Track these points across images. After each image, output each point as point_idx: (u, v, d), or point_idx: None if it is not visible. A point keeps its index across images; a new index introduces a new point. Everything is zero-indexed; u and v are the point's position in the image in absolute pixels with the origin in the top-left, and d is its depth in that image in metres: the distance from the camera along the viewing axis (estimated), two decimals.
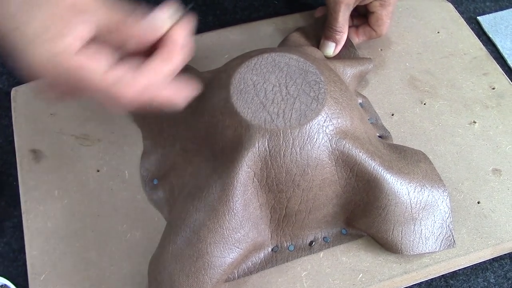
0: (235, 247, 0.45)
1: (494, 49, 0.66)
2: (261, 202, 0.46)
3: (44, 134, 0.55)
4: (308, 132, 0.45)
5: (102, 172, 0.53)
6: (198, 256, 0.43)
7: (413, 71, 0.61)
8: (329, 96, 0.47)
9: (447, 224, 0.49)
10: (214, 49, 0.62)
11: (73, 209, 0.51)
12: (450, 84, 0.60)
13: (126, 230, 0.49)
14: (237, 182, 0.44)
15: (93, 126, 0.56)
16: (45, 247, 0.48)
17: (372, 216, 0.47)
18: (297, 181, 0.45)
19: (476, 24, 0.68)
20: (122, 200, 0.51)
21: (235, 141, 0.45)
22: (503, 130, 0.56)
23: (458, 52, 0.63)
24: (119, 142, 0.55)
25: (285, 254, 0.48)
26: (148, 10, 0.38)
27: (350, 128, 0.47)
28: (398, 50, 0.63)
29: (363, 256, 0.48)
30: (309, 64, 0.48)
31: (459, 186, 0.53)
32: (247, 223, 0.45)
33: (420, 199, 0.48)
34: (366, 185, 0.47)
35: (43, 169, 0.53)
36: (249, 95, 0.46)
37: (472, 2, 0.71)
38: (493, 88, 0.60)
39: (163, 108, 0.40)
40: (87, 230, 0.49)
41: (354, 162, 0.46)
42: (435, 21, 0.66)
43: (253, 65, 0.48)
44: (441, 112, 0.58)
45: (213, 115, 0.47)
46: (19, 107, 0.57)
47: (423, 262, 0.48)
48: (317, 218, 0.48)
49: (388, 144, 0.52)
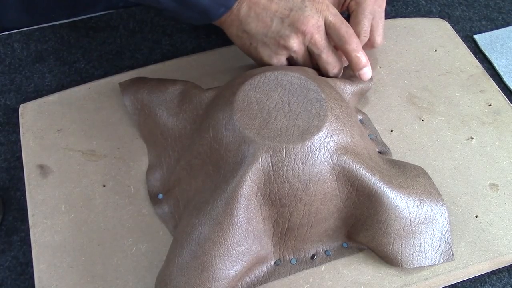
0: (239, 260, 0.46)
1: (490, 67, 0.67)
2: (264, 216, 0.47)
3: (51, 150, 0.56)
4: (310, 148, 0.46)
5: (108, 187, 0.54)
6: (203, 269, 0.44)
7: (411, 88, 0.63)
8: (330, 113, 0.48)
9: (446, 238, 0.50)
10: (217, 67, 0.64)
11: (79, 224, 0.52)
12: (447, 101, 0.62)
13: (132, 244, 0.50)
14: (241, 197, 0.45)
15: (99, 142, 0.57)
16: (52, 261, 0.49)
17: (373, 230, 0.48)
18: (299, 195, 0.46)
19: (473, 42, 0.70)
20: (127, 214, 0.52)
21: (238, 157, 0.46)
22: (500, 145, 0.58)
23: (455, 69, 0.65)
24: (125, 157, 0.56)
25: (287, 268, 0.49)
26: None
27: (350, 144, 0.48)
28: (397, 68, 0.65)
29: (364, 269, 0.49)
30: (310, 82, 0.50)
31: (457, 201, 0.54)
32: (251, 237, 0.46)
33: (419, 213, 0.49)
34: (367, 200, 0.48)
35: (50, 184, 0.54)
36: (253, 112, 0.48)
37: (469, 21, 0.72)
38: (489, 105, 0.61)
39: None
40: (93, 244, 0.50)
41: (355, 177, 0.47)
42: (433, 40, 0.67)
43: (256, 83, 0.50)
44: (439, 128, 0.59)
45: (218, 131, 0.48)
46: (27, 124, 0.58)
47: (422, 275, 0.49)
48: (319, 232, 0.49)
49: (387, 159, 0.53)
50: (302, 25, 0.53)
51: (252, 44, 0.55)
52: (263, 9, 0.53)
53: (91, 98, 0.61)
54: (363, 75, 0.57)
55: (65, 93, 0.61)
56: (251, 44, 0.56)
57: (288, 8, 0.53)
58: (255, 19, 0.54)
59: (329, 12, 0.54)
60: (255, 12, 0.54)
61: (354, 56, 0.55)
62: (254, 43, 0.55)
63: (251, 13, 0.54)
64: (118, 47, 0.68)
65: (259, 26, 0.54)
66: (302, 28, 0.53)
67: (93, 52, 0.68)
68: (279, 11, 0.53)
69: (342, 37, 0.55)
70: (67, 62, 0.67)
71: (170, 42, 0.69)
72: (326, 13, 0.54)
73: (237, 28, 0.55)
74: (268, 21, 0.54)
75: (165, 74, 0.62)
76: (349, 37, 0.55)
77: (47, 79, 0.65)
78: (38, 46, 0.68)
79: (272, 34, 0.54)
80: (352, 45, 0.55)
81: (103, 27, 0.70)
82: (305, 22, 0.53)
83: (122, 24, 0.71)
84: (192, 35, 0.70)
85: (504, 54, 0.68)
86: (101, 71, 0.66)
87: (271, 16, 0.53)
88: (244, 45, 0.56)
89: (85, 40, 0.69)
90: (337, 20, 0.54)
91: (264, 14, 0.53)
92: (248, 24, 0.54)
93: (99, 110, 0.60)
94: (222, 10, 0.53)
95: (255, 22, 0.54)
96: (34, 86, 0.64)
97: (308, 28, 0.53)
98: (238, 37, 0.56)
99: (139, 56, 0.67)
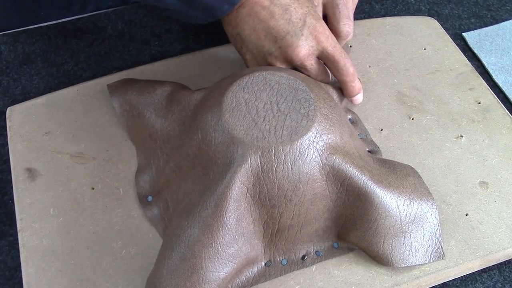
0: (229, 261, 0.45)
1: (479, 65, 0.67)
2: (254, 217, 0.47)
3: (39, 152, 0.56)
4: (299, 148, 0.46)
5: (97, 190, 0.54)
6: (193, 271, 0.44)
7: (400, 87, 0.63)
8: (319, 112, 0.48)
9: (436, 236, 0.50)
10: (206, 67, 0.63)
11: (68, 227, 0.51)
12: (437, 99, 0.62)
13: (121, 247, 0.50)
14: (230, 198, 0.45)
15: (87, 144, 0.57)
16: (41, 265, 0.49)
17: (363, 230, 0.48)
18: (289, 196, 0.46)
19: (462, 40, 0.70)
20: (117, 217, 0.52)
21: (227, 158, 0.46)
22: (489, 143, 0.58)
23: (445, 68, 0.65)
24: (114, 159, 0.56)
25: (278, 269, 0.49)
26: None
27: (340, 143, 0.48)
28: (386, 66, 0.65)
29: (354, 269, 0.49)
30: (299, 82, 0.50)
31: (447, 199, 0.54)
32: (241, 238, 0.46)
33: (409, 212, 0.49)
34: (357, 199, 0.48)
35: (38, 187, 0.54)
36: (241, 112, 0.47)
37: (458, 19, 0.73)
38: (478, 103, 0.61)
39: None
40: (83, 248, 0.50)
41: (345, 176, 0.47)
42: (422, 38, 0.68)
43: (245, 84, 0.49)
44: (429, 127, 0.59)
45: (206, 133, 0.48)
46: (14, 126, 0.58)
47: (413, 274, 0.49)
48: (309, 232, 0.49)
49: (377, 158, 0.53)
50: (292, 53, 0.52)
51: (243, 48, 0.55)
52: (261, 21, 0.52)
53: (79, 100, 0.60)
54: (355, 100, 0.57)
55: (53, 95, 0.61)
56: (241, 48, 0.55)
57: (285, 31, 0.52)
58: (250, 27, 0.53)
59: (328, 43, 0.53)
60: (253, 21, 0.53)
61: (350, 86, 0.55)
62: (244, 48, 0.55)
63: (249, 20, 0.53)
64: (106, 48, 0.68)
65: (252, 36, 0.53)
66: (291, 56, 0.53)
67: (81, 54, 0.67)
68: (275, 29, 0.52)
69: (340, 69, 0.54)
70: (54, 64, 0.66)
71: (158, 43, 0.69)
72: (325, 44, 0.53)
73: (232, 28, 0.55)
74: (262, 35, 0.53)
75: (153, 75, 0.62)
76: (348, 69, 0.54)
77: (34, 81, 0.64)
78: (25, 48, 0.67)
79: (262, 49, 0.53)
80: (349, 77, 0.55)
81: (91, 28, 0.70)
82: (296, 51, 0.52)
83: (110, 25, 0.70)
84: (181, 36, 0.69)
85: (493, 51, 0.68)
86: (89, 73, 0.65)
87: (266, 31, 0.52)
88: (236, 46, 0.56)
89: (73, 41, 0.68)
90: (336, 52, 0.54)
91: (260, 26, 0.53)
92: (243, 30, 0.54)
93: (88, 112, 0.59)
94: (226, 7, 0.52)
95: (250, 30, 0.53)
96: (22, 89, 0.64)
97: (298, 58, 0.53)
98: (232, 37, 0.56)
99: (128, 57, 0.67)
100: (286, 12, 0.52)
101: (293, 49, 0.52)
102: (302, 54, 0.52)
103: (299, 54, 0.52)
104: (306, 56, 0.53)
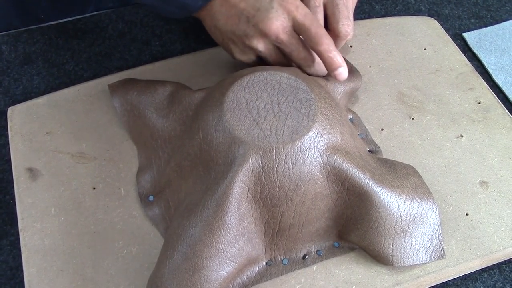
0: (230, 261, 0.45)
1: (479, 65, 0.68)
2: (255, 217, 0.47)
3: (40, 152, 0.56)
4: (300, 148, 0.46)
5: (98, 190, 0.54)
6: (195, 271, 0.44)
7: (401, 87, 0.63)
8: (320, 112, 0.48)
9: (437, 236, 0.50)
10: (207, 67, 0.63)
11: (69, 227, 0.51)
12: (437, 99, 0.62)
13: (123, 247, 0.50)
14: (232, 197, 0.45)
15: (88, 144, 0.57)
16: (43, 265, 0.49)
17: (364, 229, 0.49)
18: (290, 195, 0.46)
19: (462, 40, 0.70)
20: (118, 217, 0.52)
21: (229, 158, 0.46)
22: (489, 143, 0.58)
23: (445, 68, 0.65)
24: (115, 159, 0.56)
25: (279, 268, 0.49)
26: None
27: (340, 143, 0.48)
28: (386, 66, 0.65)
29: (355, 269, 0.49)
30: (299, 82, 0.50)
31: (448, 199, 0.54)
32: (242, 238, 0.46)
33: (410, 211, 0.49)
34: (357, 199, 0.48)
35: (39, 187, 0.54)
36: (242, 112, 0.47)
37: (457, 19, 0.73)
38: (479, 103, 0.62)
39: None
40: (84, 247, 0.50)
41: (345, 176, 0.47)
42: (422, 38, 0.68)
43: (246, 84, 0.49)
44: (429, 127, 0.59)
45: (207, 132, 0.48)
46: (15, 126, 0.58)
47: (414, 274, 0.49)
48: (310, 231, 0.49)
49: (378, 158, 0.53)
50: (265, 27, 0.52)
51: (224, 40, 0.56)
52: (232, 7, 0.53)
53: (80, 100, 0.60)
54: (338, 75, 0.54)
55: (54, 95, 0.61)
56: (223, 40, 0.56)
57: (255, 8, 0.53)
58: (224, 15, 0.54)
59: (298, 13, 0.53)
60: (225, 8, 0.54)
61: (326, 56, 0.53)
62: (226, 39, 0.56)
63: (222, 9, 0.54)
64: (107, 48, 0.68)
65: (228, 24, 0.54)
66: (265, 30, 0.52)
67: (82, 54, 0.67)
68: (246, 10, 0.53)
69: (312, 38, 0.53)
70: (55, 64, 0.66)
71: (159, 43, 0.69)
72: (295, 14, 0.53)
73: (209, 22, 0.56)
74: (235, 19, 0.53)
75: (154, 75, 0.62)
76: (320, 37, 0.53)
77: (35, 81, 0.64)
78: (26, 48, 0.67)
79: (239, 33, 0.54)
80: (323, 45, 0.53)
81: (91, 28, 0.70)
82: (269, 24, 0.52)
83: (111, 25, 0.70)
84: (182, 36, 0.69)
85: (493, 52, 0.68)
86: (90, 73, 0.65)
87: (239, 15, 0.53)
88: (218, 40, 0.57)
89: (74, 41, 0.68)
90: (306, 20, 0.53)
91: (233, 11, 0.53)
92: (218, 20, 0.54)
93: (88, 112, 0.59)
94: (200, 2, 0.54)
95: (225, 19, 0.54)
96: (23, 89, 0.64)
97: (272, 30, 0.52)
98: (212, 32, 0.57)
99: (128, 57, 0.67)
100: None
101: (265, 23, 0.52)
102: (275, 26, 0.52)
103: (272, 26, 0.52)
104: (280, 29, 0.53)
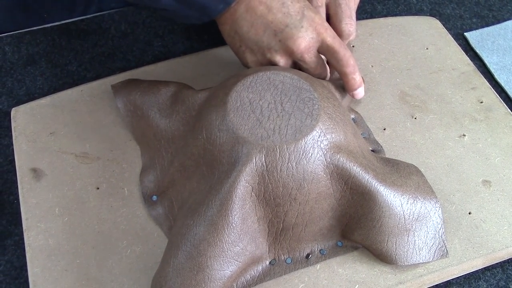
0: (234, 260, 0.46)
1: (481, 64, 0.68)
2: (259, 216, 0.47)
3: (44, 153, 0.56)
4: (304, 147, 0.46)
5: (101, 190, 0.54)
6: (199, 270, 0.44)
7: (403, 86, 0.63)
8: (323, 112, 0.48)
9: (440, 235, 0.50)
10: (210, 67, 0.64)
11: (73, 226, 0.51)
12: (439, 98, 0.62)
13: (126, 246, 0.50)
14: (236, 197, 0.45)
15: (92, 144, 0.57)
16: (47, 264, 0.49)
17: (367, 228, 0.49)
18: (293, 195, 0.46)
19: (464, 40, 0.70)
20: (121, 216, 0.52)
21: (232, 157, 0.46)
22: (492, 142, 0.58)
23: (447, 67, 0.65)
24: (118, 159, 0.56)
25: (282, 267, 0.49)
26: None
27: (344, 142, 0.48)
28: (389, 66, 0.65)
29: (358, 268, 0.49)
30: (303, 81, 0.50)
31: (451, 198, 0.54)
32: (246, 237, 0.46)
33: (413, 210, 0.49)
34: (361, 198, 0.48)
35: (43, 187, 0.54)
36: (246, 112, 0.48)
37: (459, 19, 0.73)
38: (481, 102, 0.62)
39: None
40: (88, 247, 0.50)
41: (349, 175, 0.47)
42: (424, 38, 0.68)
43: (249, 83, 0.50)
44: (432, 126, 0.59)
45: (211, 132, 0.48)
46: (19, 127, 0.58)
47: (417, 272, 0.49)
48: (314, 231, 0.49)
49: (380, 157, 0.54)
50: (293, 45, 0.52)
51: (241, 47, 0.55)
52: (259, 16, 0.52)
53: (84, 101, 0.60)
54: (356, 95, 0.56)
55: (57, 96, 0.61)
56: (240, 46, 0.55)
57: (284, 23, 0.52)
58: (249, 23, 0.53)
59: (328, 35, 0.53)
60: (251, 17, 0.53)
61: (351, 78, 0.55)
62: (243, 46, 0.55)
63: (247, 16, 0.53)
64: (110, 49, 0.68)
65: (251, 32, 0.53)
66: (292, 48, 0.52)
67: (85, 55, 0.67)
68: (274, 23, 0.52)
69: (340, 60, 0.54)
70: (58, 64, 0.66)
71: (162, 43, 0.69)
72: (324, 36, 0.53)
73: (230, 27, 0.55)
74: (260, 30, 0.53)
75: (157, 75, 0.62)
76: (348, 59, 0.54)
77: (39, 82, 0.65)
78: (29, 49, 0.68)
79: (262, 44, 0.53)
80: (349, 67, 0.54)
81: (94, 29, 0.70)
82: (298, 43, 0.52)
83: (114, 26, 0.70)
84: (184, 36, 0.70)
85: (495, 51, 0.68)
86: (93, 73, 0.66)
87: (265, 26, 0.52)
88: (234, 45, 0.56)
89: (77, 42, 0.69)
90: (335, 43, 0.53)
91: (259, 21, 0.53)
92: (241, 27, 0.53)
93: (92, 112, 0.59)
94: (221, 6, 0.52)
95: (248, 26, 0.53)
96: (26, 89, 0.64)
97: (299, 50, 0.52)
98: (230, 36, 0.56)
99: (131, 57, 0.67)
100: (284, 5, 0.52)
101: (294, 41, 0.52)
102: (303, 46, 0.52)
103: (300, 46, 0.52)
104: (307, 48, 0.53)
